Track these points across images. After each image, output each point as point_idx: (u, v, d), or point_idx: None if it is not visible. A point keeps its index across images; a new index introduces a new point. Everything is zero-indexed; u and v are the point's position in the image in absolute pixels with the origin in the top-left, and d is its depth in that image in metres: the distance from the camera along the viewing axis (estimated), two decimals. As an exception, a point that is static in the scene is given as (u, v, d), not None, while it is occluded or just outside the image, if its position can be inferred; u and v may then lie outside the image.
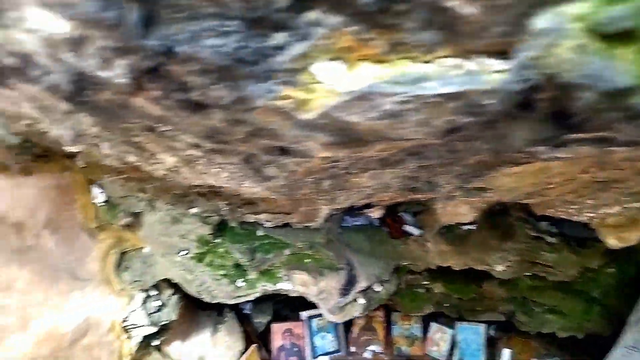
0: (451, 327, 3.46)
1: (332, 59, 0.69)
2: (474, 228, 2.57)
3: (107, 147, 1.39)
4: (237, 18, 0.68)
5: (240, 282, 2.18)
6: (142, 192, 2.04)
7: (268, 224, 2.11)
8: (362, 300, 2.30)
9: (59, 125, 1.27)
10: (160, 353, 2.62)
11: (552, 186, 1.45)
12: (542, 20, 0.55)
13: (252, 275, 2.19)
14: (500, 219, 2.57)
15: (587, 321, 2.93)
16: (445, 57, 0.63)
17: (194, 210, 2.02)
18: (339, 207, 1.81)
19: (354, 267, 2.19)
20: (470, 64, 0.62)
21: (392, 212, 2.52)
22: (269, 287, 2.21)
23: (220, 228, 2.11)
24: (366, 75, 0.68)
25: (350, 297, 2.21)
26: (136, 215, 2.11)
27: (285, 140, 0.98)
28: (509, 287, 2.83)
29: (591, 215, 2.12)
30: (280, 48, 0.70)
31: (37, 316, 1.91)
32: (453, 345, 3.46)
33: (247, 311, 3.52)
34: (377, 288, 2.35)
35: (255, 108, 0.84)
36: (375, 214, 2.28)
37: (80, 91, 0.87)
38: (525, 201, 1.84)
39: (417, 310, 3.05)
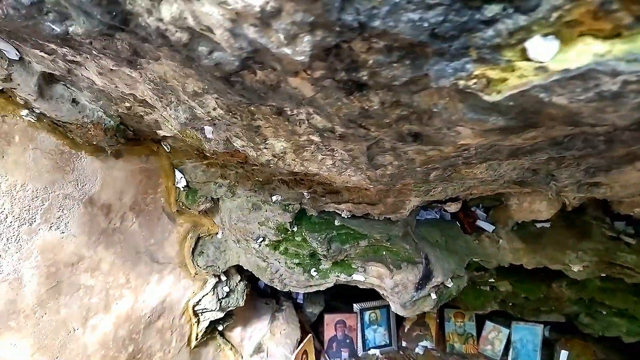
0: (507, 326, 3.39)
1: (546, 35, 0.64)
2: (548, 226, 2.49)
3: (210, 132, 1.37)
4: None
5: (313, 272, 2.15)
6: (223, 178, 2.02)
7: (347, 214, 2.08)
8: (434, 296, 2.25)
9: (174, 108, 1.25)
10: (223, 339, 2.62)
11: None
12: None
13: (326, 265, 2.16)
14: (575, 217, 2.48)
15: (657, 326, 2.82)
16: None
17: (275, 198, 2.00)
18: (430, 200, 1.76)
19: (430, 261, 2.14)
20: None
21: (465, 206, 2.46)
22: (343, 278, 2.17)
23: (298, 217, 2.08)
24: (587, 51, 0.63)
25: (424, 292, 2.16)
26: (215, 201, 2.10)
27: (432, 126, 0.93)
28: (578, 288, 2.75)
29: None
30: (490, 22, 0.65)
31: (118, 297, 1.92)
32: (507, 344, 3.39)
33: (299, 301, 3.51)
34: (449, 283, 2.29)
35: (428, 88, 0.80)
36: (452, 208, 2.22)
37: (242, 69, 0.83)
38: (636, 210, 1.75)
39: (480, 309, 2.99)
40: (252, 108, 1.09)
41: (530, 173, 1.33)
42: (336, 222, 2.10)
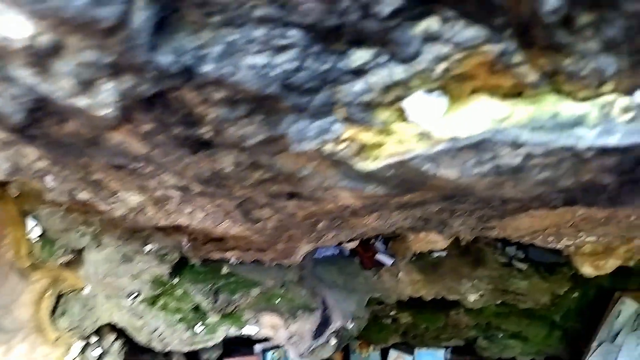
0: (410, 352, 3.33)
1: (430, 90, 0.48)
2: (445, 255, 2.45)
3: (51, 180, 1.10)
4: (300, 26, 0.45)
5: (199, 327, 1.90)
6: (86, 225, 1.72)
7: (235, 261, 1.86)
8: (333, 341, 2.08)
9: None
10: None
11: (569, 224, 1.32)
12: None
13: (214, 318, 1.91)
14: (469, 244, 2.47)
15: (548, 345, 2.90)
16: (609, 93, 0.44)
17: (149, 247, 1.72)
18: (322, 245, 1.59)
19: (329, 305, 1.97)
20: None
21: (364, 241, 2.35)
22: (233, 332, 1.94)
23: (178, 267, 1.82)
24: (482, 114, 0.48)
25: (323, 339, 1.99)
26: (78, 252, 1.78)
27: (306, 188, 0.76)
28: (475, 313, 2.74)
29: (569, 243, 2.05)
30: (358, 73, 0.48)
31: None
32: (412, 371, 3.33)
33: (193, 347, 3.18)
34: (349, 325, 2.14)
35: (289, 150, 0.62)
36: (350, 245, 2.09)
37: (35, 122, 0.60)
38: (525, 238, 1.71)
39: (383, 342, 2.89)
40: (81, 161, 0.85)
41: (422, 222, 1.21)
42: (224, 270, 1.87)
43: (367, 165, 0.57)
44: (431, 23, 0.42)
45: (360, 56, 0.47)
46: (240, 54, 0.48)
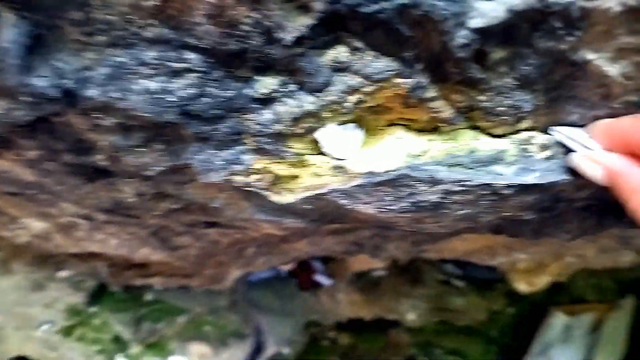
0: (350, 374, 3.30)
1: (344, 122, 0.45)
2: (385, 274, 2.44)
3: None
4: (198, 49, 0.40)
5: (119, 359, 1.77)
6: (-11, 251, 1.56)
7: (160, 287, 1.75)
8: (268, 366, 2.01)
9: None
10: None
11: (502, 244, 1.34)
12: None
13: (136, 349, 1.79)
14: (408, 262, 2.47)
15: (484, 360, 2.95)
16: (527, 130, 0.42)
17: (63, 274, 1.59)
18: (254, 270, 1.53)
19: (263, 331, 1.90)
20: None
21: (302, 261, 2.30)
22: (158, 362, 1.82)
23: (96, 294, 1.69)
24: (398, 149, 0.45)
25: (257, 366, 1.91)
26: (-20, 282, 1.61)
27: (224, 217, 0.70)
28: (415, 332, 2.74)
29: (503, 260, 2.09)
30: (266, 101, 0.43)
31: None
32: (351, 392, 3.29)
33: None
34: (285, 350, 2.08)
35: (195, 181, 0.56)
36: (286, 266, 2.03)
37: None
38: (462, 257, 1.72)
39: (321, 365, 2.82)
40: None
41: (356, 246, 1.17)
42: (148, 297, 1.75)
43: (283, 198, 0.53)
44: (339, 53, 0.38)
45: (266, 84, 0.42)
46: (130, 77, 0.42)
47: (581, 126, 0.40)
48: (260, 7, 0.37)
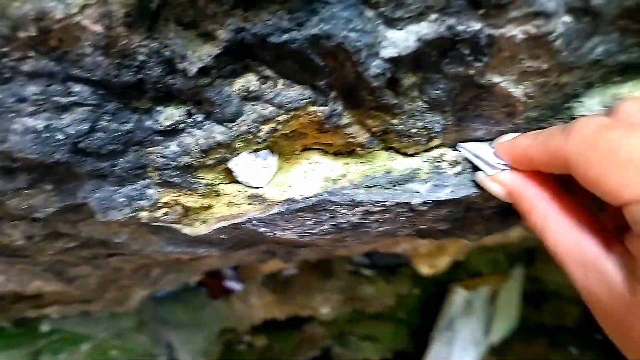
0: (268, 373, 3.28)
1: (257, 150, 0.43)
2: (296, 272, 2.45)
3: None
4: (87, 82, 0.36)
5: (16, 400, 1.60)
6: None
7: (58, 315, 1.60)
8: (184, 382, 1.93)
9: None
10: None
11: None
12: (592, 106, 0.39)
13: (35, 386, 1.63)
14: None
15: (396, 342, 3.09)
16: (438, 147, 0.43)
17: (-64, 319, 1.39)
18: (162, 288, 1.45)
19: (174, 348, 1.82)
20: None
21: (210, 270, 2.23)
22: (61, 397, 1.67)
23: (-18, 333, 1.51)
24: (315, 174, 0.44)
25: (172, 384, 1.83)
26: None
27: (126, 250, 0.65)
28: (329, 324, 2.80)
29: (407, 247, 2.20)
30: (171, 133, 0.40)
31: None
32: (271, 391, 3.28)
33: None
34: (201, 362, 2.01)
35: (91, 218, 0.51)
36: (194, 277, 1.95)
37: None
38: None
39: (239, 370, 2.77)
40: None
41: (268, 254, 1.16)
42: (43, 328, 1.60)
43: (195, 230, 0.50)
44: (249, 82, 0.36)
45: (169, 115, 0.39)
46: (10, 116, 0.36)
47: (487, 140, 0.42)
48: (157, 36, 0.34)
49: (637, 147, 0.27)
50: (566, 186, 0.36)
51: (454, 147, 0.43)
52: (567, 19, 0.31)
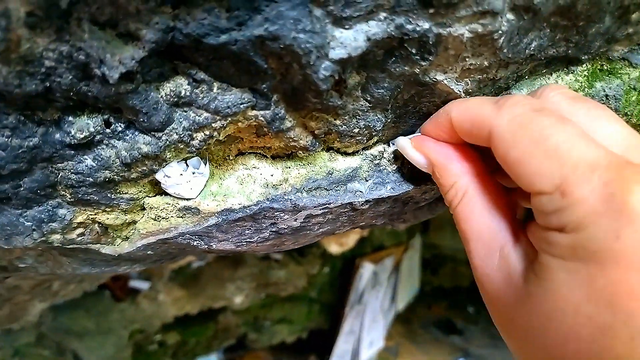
0: (182, 367, 3.19)
1: (188, 158, 0.39)
2: (204, 263, 2.37)
3: None
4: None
5: None
6: None
7: None
8: (94, 393, 1.81)
9: None
10: None
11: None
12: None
13: None
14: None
15: (310, 321, 3.15)
16: (376, 144, 0.43)
17: None
18: (62, 300, 1.32)
19: (82, 358, 1.68)
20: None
21: (112, 270, 2.08)
22: None
23: None
24: (253, 180, 0.41)
25: (81, 397, 1.70)
26: None
27: (31, 273, 0.57)
28: (243, 312, 2.76)
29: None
30: (86, 147, 0.35)
31: None
32: (187, 385, 3.19)
33: None
34: (111, 369, 1.89)
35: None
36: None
37: None
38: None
39: (152, 371, 2.65)
40: None
41: (184, 253, 1.10)
42: None
43: (117, 249, 0.44)
44: (179, 86, 0.32)
45: (83, 126, 0.33)
46: None
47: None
48: (69, 38, 0.28)
49: (564, 140, 0.26)
50: (487, 161, 0.35)
51: (389, 143, 0.43)
52: (510, 16, 0.31)
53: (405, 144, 0.39)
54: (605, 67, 0.42)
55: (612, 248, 0.23)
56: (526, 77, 0.40)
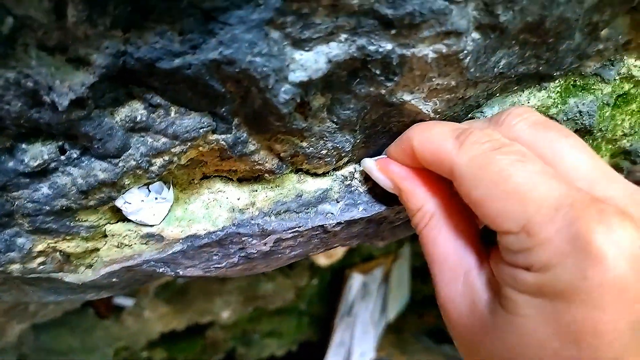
0: (171, 384, 3.14)
1: (149, 183, 0.38)
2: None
3: None
4: None
5: None
6: None
7: None
8: (78, 414, 1.76)
9: None
10: None
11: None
12: (490, 113, 0.40)
13: None
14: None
15: (300, 333, 3.12)
16: (346, 164, 0.42)
17: None
18: (42, 320, 1.29)
19: (64, 378, 1.65)
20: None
21: (96, 287, 2.05)
22: None
23: None
24: (218, 204, 0.40)
25: (63, 419, 1.66)
26: None
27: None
28: (231, 326, 2.73)
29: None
30: (40, 174, 0.33)
31: None
32: (176, 402, 3.14)
33: None
34: (95, 389, 1.85)
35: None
36: (79, 299, 1.78)
37: None
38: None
39: (138, 388, 2.60)
40: None
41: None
42: None
43: (80, 277, 0.43)
44: (135, 111, 0.31)
45: (37, 154, 0.32)
46: None
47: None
48: (15, 65, 0.27)
49: (524, 180, 0.26)
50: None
51: (359, 162, 0.42)
52: (475, 35, 0.30)
53: (371, 167, 0.38)
54: (579, 83, 0.42)
55: (579, 287, 0.23)
56: (497, 94, 0.39)
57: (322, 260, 2.35)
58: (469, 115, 0.40)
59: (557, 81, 0.41)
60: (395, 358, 3.41)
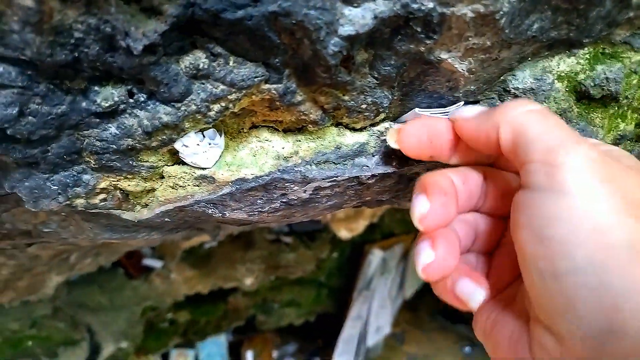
0: (192, 346, 3.26)
1: (204, 129, 0.41)
2: (216, 244, 2.42)
3: None
4: (14, 61, 0.32)
5: None
6: None
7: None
8: (108, 366, 1.87)
9: None
10: None
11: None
12: (524, 79, 0.42)
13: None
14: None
15: (318, 305, 3.19)
16: (382, 121, 0.45)
17: None
18: (78, 273, 1.37)
19: (96, 332, 1.74)
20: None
21: (126, 248, 2.13)
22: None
23: None
24: (265, 152, 0.43)
25: (95, 369, 1.76)
26: None
27: (53, 239, 0.60)
28: (252, 293, 2.81)
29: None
30: (110, 115, 0.38)
31: None
32: (197, 364, 3.26)
33: None
34: (124, 344, 1.95)
35: (16, 208, 0.47)
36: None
37: None
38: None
39: (163, 348, 2.72)
40: None
41: (196, 231, 1.13)
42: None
43: (136, 214, 0.47)
44: (198, 59, 0.35)
45: (108, 95, 0.36)
46: None
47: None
48: (97, 11, 0.31)
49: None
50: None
51: (396, 120, 0.45)
52: (511, -2, 0.33)
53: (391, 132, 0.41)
54: (608, 51, 0.44)
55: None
56: (529, 58, 0.41)
57: (343, 233, 2.39)
58: (502, 78, 0.43)
59: (586, 48, 0.43)
60: (410, 335, 3.47)
